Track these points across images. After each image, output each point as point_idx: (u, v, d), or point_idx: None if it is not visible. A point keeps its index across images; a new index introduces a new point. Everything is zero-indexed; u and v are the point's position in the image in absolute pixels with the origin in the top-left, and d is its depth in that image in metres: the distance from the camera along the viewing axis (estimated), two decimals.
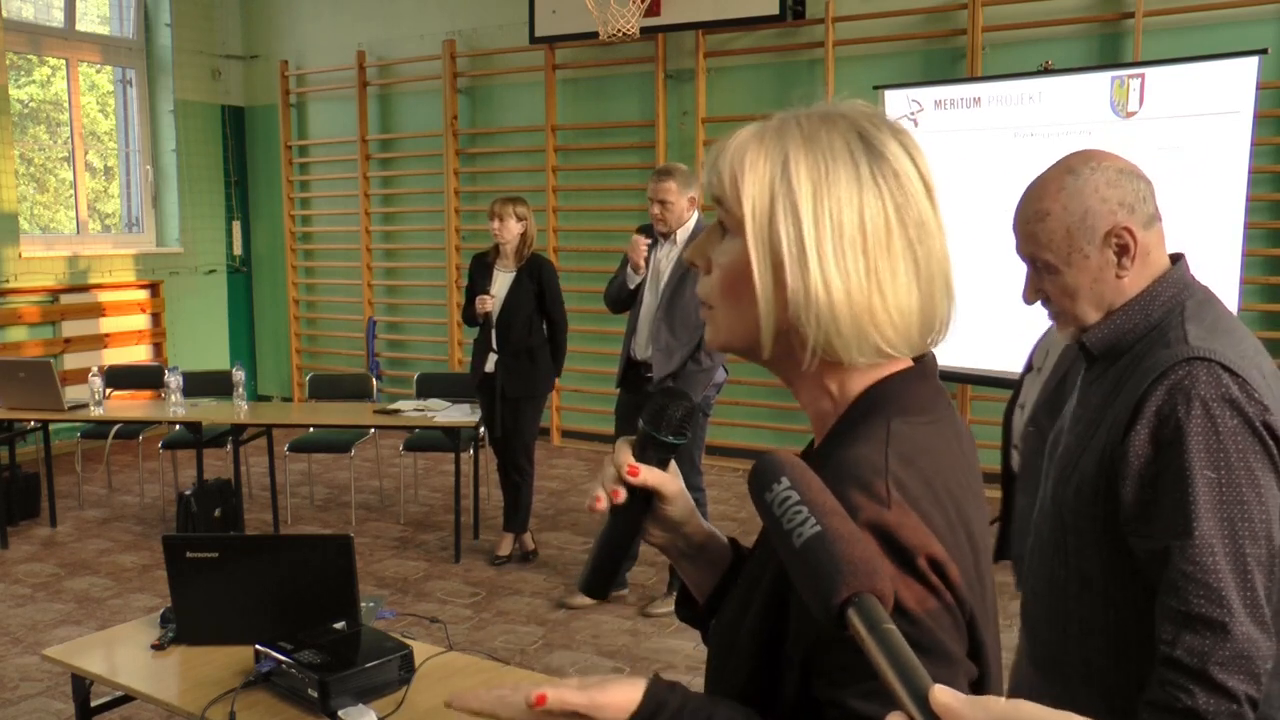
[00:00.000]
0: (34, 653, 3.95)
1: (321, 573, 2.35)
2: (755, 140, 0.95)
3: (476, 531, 5.39)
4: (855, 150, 0.92)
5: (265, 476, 5.75)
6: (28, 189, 7.91)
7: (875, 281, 0.91)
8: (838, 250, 0.91)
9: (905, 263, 0.92)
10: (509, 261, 4.89)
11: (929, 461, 0.90)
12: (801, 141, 0.93)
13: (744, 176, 0.94)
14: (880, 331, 0.92)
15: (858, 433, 0.91)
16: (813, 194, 0.91)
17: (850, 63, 6.27)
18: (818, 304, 0.91)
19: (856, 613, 0.64)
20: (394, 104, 8.22)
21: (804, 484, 0.71)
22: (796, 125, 0.94)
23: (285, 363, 8.97)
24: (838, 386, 0.96)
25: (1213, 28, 5.29)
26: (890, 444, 0.89)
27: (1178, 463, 1.31)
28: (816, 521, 0.68)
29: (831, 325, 0.91)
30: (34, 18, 7.77)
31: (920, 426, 0.92)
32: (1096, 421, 1.45)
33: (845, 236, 0.91)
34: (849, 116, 0.94)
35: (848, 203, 0.91)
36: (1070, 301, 1.48)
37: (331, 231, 8.62)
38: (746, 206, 0.93)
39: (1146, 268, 1.46)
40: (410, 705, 2.10)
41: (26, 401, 5.40)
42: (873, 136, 0.93)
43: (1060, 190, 1.45)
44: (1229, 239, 4.72)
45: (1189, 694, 1.28)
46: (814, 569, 0.66)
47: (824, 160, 0.92)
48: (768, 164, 0.93)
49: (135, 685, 2.26)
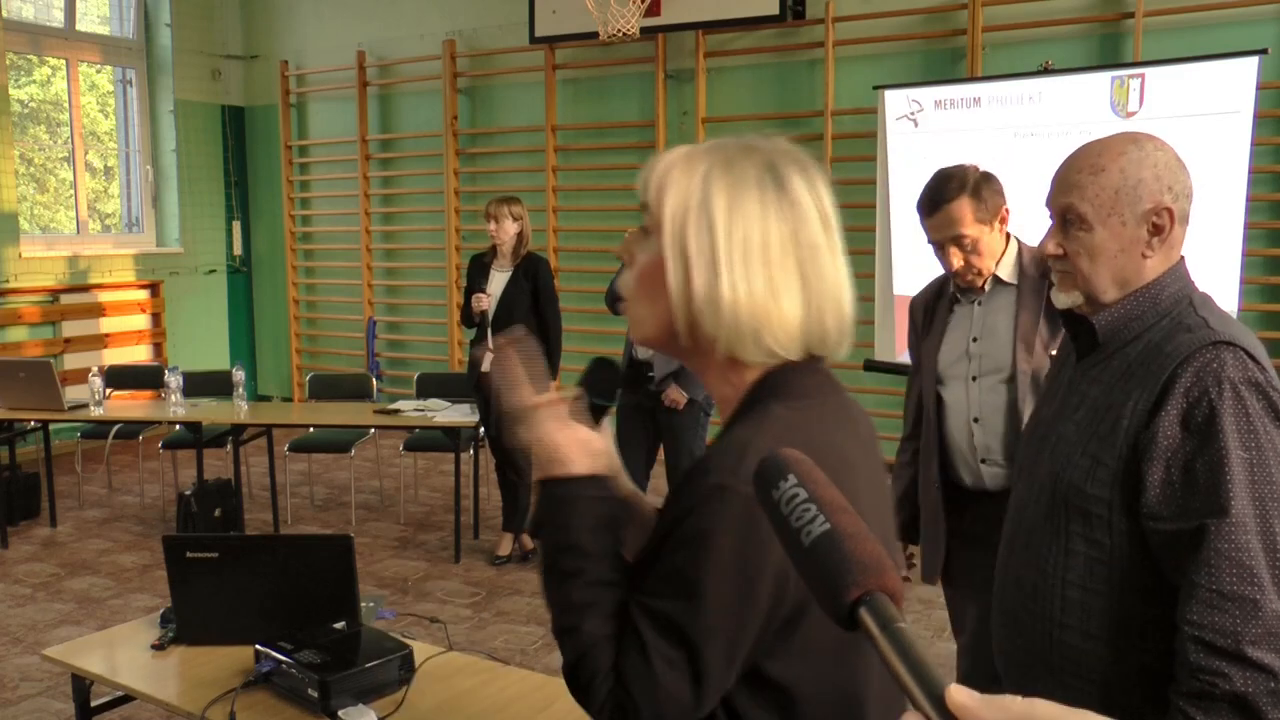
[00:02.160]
0: (34, 653, 3.95)
1: (321, 573, 2.35)
2: (683, 158, 1.11)
3: (476, 531, 5.39)
4: (764, 179, 1.08)
5: (265, 476, 5.75)
6: (28, 189, 7.91)
7: (771, 291, 1.06)
8: (743, 261, 1.06)
9: (796, 279, 1.07)
10: (505, 261, 4.89)
11: (801, 437, 1.01)
12: (722, 165, 1.09)
13: (668, 187, 1.10)
14: (773, 335, 1.07)
15: (747, 416, 1.08)
16: (726, 210, 1.07)
17: (850, 63, 6.27)
18: (723, 305, 1.06)
19: (868, 611, 0.63)
20: (394, 104, 8.22)
21: (811, 481, 0.70)
22: (720, 150, 1.11)
23: (285, 363, 8.97)
24: (738, 376, 1.11)
25: (1213, 28, 5.29)
26: (766, 424, 1.05)
27: (1214, 443, 1.32)
28: (825, 519, 0.67)
29: (733, 325, 1.06)
30: (34, 18, 7.78)
31: (799, 410, 1.07)
32: (1105, 408, 1.45)
33: (750, 250, 1.06)
34: (764, 150, 1.10)
35: (754, 221, 1.07)
36: (1089, 263, 1.47)
37: (331, 231, 8.62)
38: (666, 213, 1.09)
39: (1166, 259, 1.47)
40: (410, 705, 2.10)
41: (26, 401, 5.40)
42: (781, 169, 1.09)
43: (1122, 154, 1.45)
44: (1229, 239, 4.72)
45: (1225, 678, 1.27)
46: (824, 567, 0.66)
47: (738, 183, 1.07)
48: (689, 179, 1.09)
49: (135, 685, 2.26)
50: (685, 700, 1.05)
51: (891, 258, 5.83)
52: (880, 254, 5.89)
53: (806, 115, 6.45)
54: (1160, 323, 1.44)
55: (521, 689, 2.20)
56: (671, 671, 1.04)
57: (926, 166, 5.98)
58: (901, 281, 5.81)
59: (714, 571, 1.02)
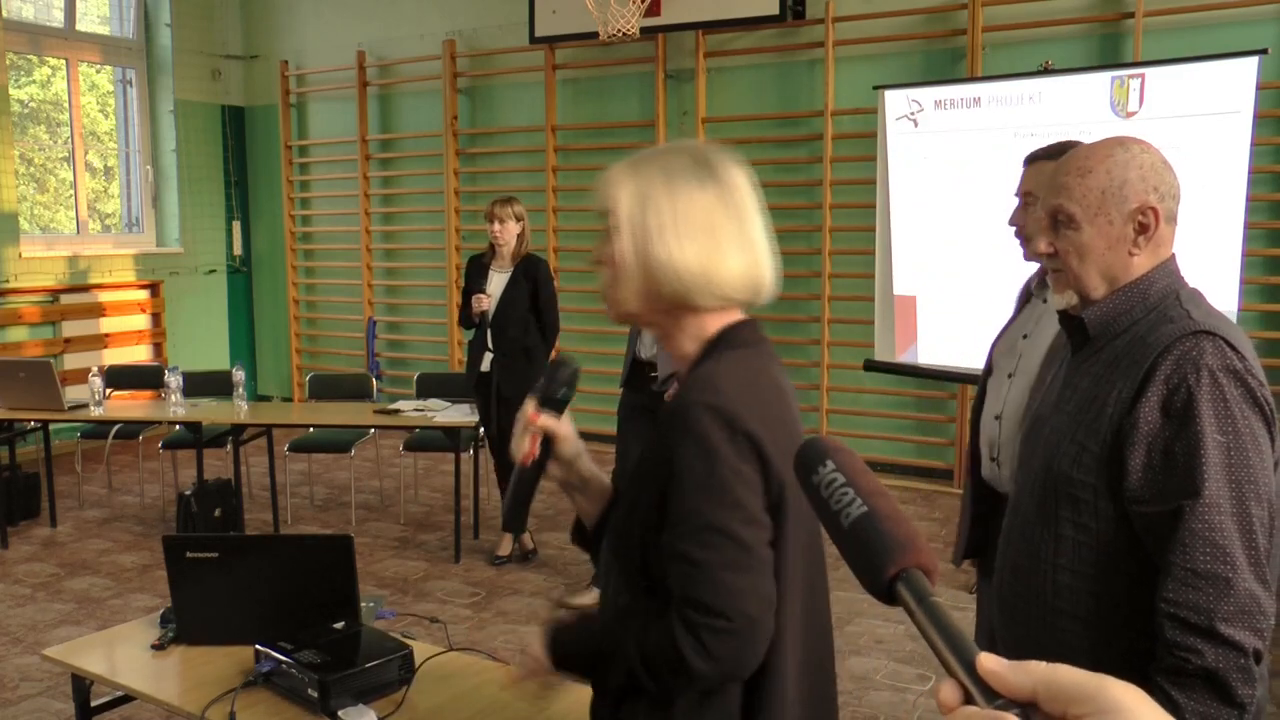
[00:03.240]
0: (34, 653, 3.95)
1: (321, 573, 2.35)
2: (627, 166, 1.38)
3: (476, 531, 5.39)
4: (696, 165, 1.35)
5: (265, 476, 5.75)
6: (28, 189, 7.91)
7: (717, 248, 1.33)
8: (689, 228, 1.32)
9: (735, 239, 1.34)
10: (505, 262, 4.89)
11: (749, 375, 1.34)
12: (658, 162, 1.36)
13: (619, 189, 1.36)
14: (723, 282, 1.33)
15: (707, 359, 1.35)
16: (669, 191, 1.34)
17: (850, 63, 6.27)
18: (678, 265, 1.32)
19: (905, 586, 0.68)
20: (394, 104, 8.22)
21: (849, 467, 0.75)
22: (655, 153, 1.39)
23: (285, 363, 8.97)
24: (697, 331, 1.38)
25: (1213, 28, 5.29)
26: (723, 363, 1.33)
27: (1191, 428, 1.37)
28: (863, 502, 0.72)
29: (690, 279, 1.32)
30: (34, 18, 7.78)
31: (749, 353, 1.36)
32: (1092, 398, 1.50)
33: (693, 219, 1.33)
34: (690, 146, 1.39)
35: (695, 196, 1.33)
36: (1079, 261, 1.52)
37: (331, 231, 8.62)
38: (622, 207, 1.35)
39: (1154, 257, 1.52)
40: (410, 705, 2.10)
41: (26, 401, 5.40)
42: (707, 156, 1.36)
43: (1108, 157, 1.51)
44: (1229, 239, 4.72)
45: (1198, 654, 1.32)
46: (863, 546, 0.70)
47: (675, 171, 1.35)
48: (634, 178, 1.36)
49: (135, 685, 2.26)
50: (765, 591, 1.27)
51: (892, 258, 5.83)
52: (880, 254, 5.89)
53: (806, 115, 6.46)
54: (1148, 316, 1.49)
55: (521, 689, 2.19)
56: (738, 574, 1.26)
57: (926, 166, 6.01)
58: (901, 281, 5.81)
59: (728, 471, 1.26)
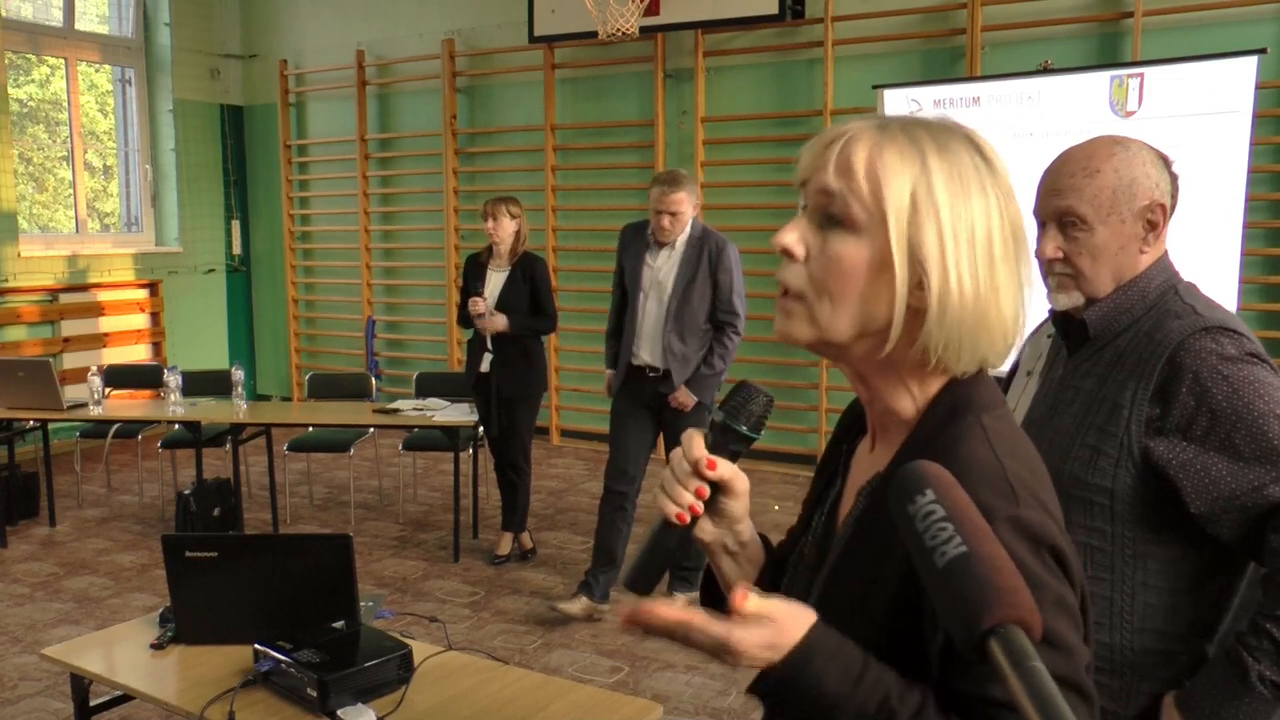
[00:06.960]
0: (33, 652, 3.95)
1: (321, 572, 2.35)
2: (889, 141, 0.94)
3: (476, 531, 5.39)
4: (977, 162, 0.94)
5: (264, 476, 5.74)
6: (27, 188, 7.91)
7: (994, 290, 0.93)
8: (971, 259, 0.92)
9: (1014, 272, 0.94)
10: (502, 261, 4.90)
11: (1025, 453, 0.92)
12: (936, 150, 0.93)
13: (885, 174, 0.92)
14: (990, 339, 0.93)
15: (953, 432, 0.92)
16: (950, 203, 0.92)
17: (849, 62, 6.26)
18: (950, 308, 0.91)
19: (999, 644, 0.60)
20: (393, 103, 8.22)
21: (951, 500, 0.67)
22: (925, 131, 0.95)
23: (284, 362, 8.97)
24: (919, 386, 0.97)
25: (1212, 27, 5.29)
26: (992, 441, 0.91)
27: (1247, 415, 1.37)
28: (963, 541, 0.64)
29: (956, 329, 0.92)
30: (33, 17, 7.77)
31: (1003, 420, 0.94)
32: (1099, 399, 1.49)
33: (976, 243, 0.92)
34: (956, 127, 0.97)
35: (979, 214, 0.93)
36: (1091, 263, 1.51)
37: (330, 231, 8.62)
38: (890, 208, 0.92)
39: (1154, 254, 1.52)
40: (409, 705, 2.10)
41: (26, 401, 5.40)
42: (984, 149, 0.96)
43: (1112, 155, 1.50)
44: (1229, 239, 4.73)
45: None
46: (957, 591, 0.62)
47: (957, 171, 0.93)
48: (908, 167, 0.93)
49: (134, 685, 2.26)
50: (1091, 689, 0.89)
51: None
52: None
53: (805, 115, 6.45)
54: (1149, 313, 1.49)
55: (520, 688, 2.20)
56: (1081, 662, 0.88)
57: None
58: None
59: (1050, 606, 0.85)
